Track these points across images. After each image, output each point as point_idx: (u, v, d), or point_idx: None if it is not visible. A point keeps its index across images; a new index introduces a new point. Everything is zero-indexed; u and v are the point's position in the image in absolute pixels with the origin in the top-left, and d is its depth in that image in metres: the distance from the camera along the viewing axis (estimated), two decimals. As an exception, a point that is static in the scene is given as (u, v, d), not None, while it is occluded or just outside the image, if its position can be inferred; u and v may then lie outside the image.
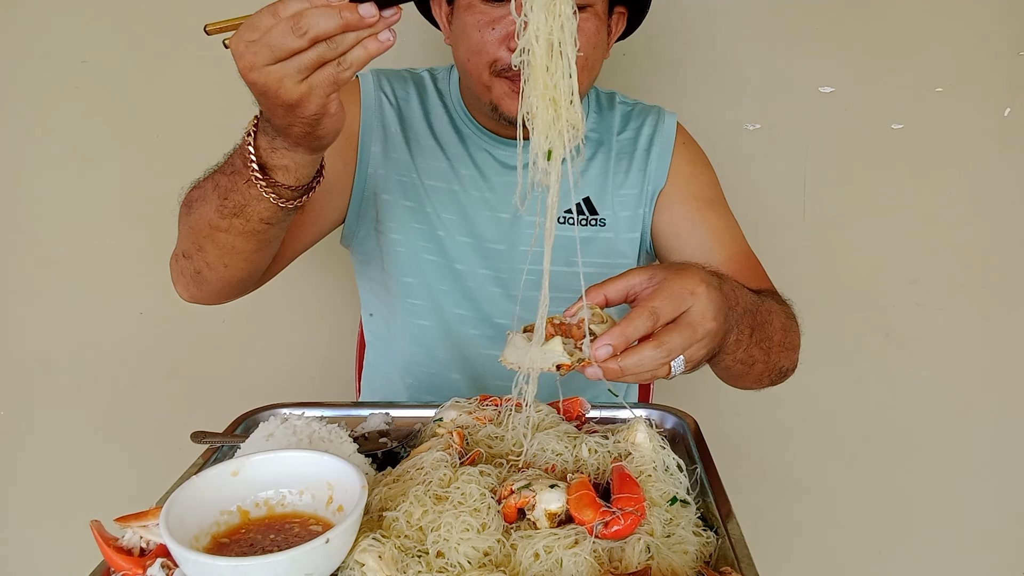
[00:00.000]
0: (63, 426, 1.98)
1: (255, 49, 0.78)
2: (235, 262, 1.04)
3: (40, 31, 1.74)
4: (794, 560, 2.06)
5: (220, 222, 0.99)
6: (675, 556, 0.74)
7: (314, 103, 0.81)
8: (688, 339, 0.81)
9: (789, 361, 1.11)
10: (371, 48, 0.79)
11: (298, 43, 0.76)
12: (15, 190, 1.84)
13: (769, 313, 1.02)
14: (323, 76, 0.79)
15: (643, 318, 0.79)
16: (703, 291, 0.82)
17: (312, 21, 0.76)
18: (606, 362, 0.79)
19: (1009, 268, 1.85)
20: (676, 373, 0.82)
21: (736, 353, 0.95)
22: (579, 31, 1.09)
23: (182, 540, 0.68)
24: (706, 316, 0.82)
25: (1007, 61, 1.73)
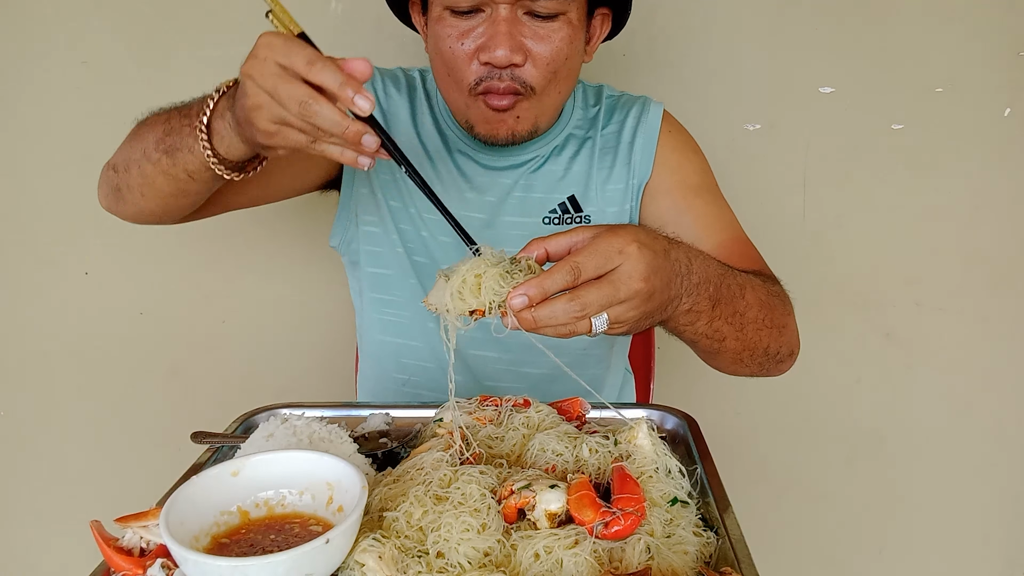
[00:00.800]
0: (63, 426, 1.98)
1: (267, 72, 0.81)
2: (151, 196, 1.06)
3: (40, 31, 1.74)
4: (794, 560, 2.06)
5: (152, 153, 1.01)
6: (675, 556, 0.74)
7: (269, 141, 0.85)
8: (607, 297, 0.78)
9: (775, 342, 1.07)
10: (346, 157, 0.84)
11: (294, 113, 0.80)
12: (15, 190, 1.84)
13: (741, 288, 0.98)
14: (291, 136, 0.83)
15: (563, 272, 0.78)
16: (633, 250, 0.79)
17: (320, 113, 0.80)
18: (521, 312, 0.78)
19: (1009, 268, 1.85)
20: (599, 330, 0.80)
21: (697, 325, 0.93)
22: (548, 40, 1.11)
23: (182, 540, 0.68)
24: (632, 276, 0.79)
25: (1007, 61, 1.73)
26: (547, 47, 1.11)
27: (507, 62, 1.09)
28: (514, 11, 1.09)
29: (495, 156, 1.28)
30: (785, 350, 1.11)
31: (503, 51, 1.08)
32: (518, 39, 1.09)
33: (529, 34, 1.10)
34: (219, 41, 1.75)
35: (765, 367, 1.11)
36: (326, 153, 0.84)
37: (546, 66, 1.12)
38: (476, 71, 1.12)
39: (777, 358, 1.11)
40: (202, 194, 1.06)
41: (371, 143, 0.82)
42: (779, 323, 1.07)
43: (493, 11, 1.09)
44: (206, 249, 1.87)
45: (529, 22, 1.10)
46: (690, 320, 0.92)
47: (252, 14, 1.74)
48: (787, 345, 1.11)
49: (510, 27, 1.08)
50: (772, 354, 1.09)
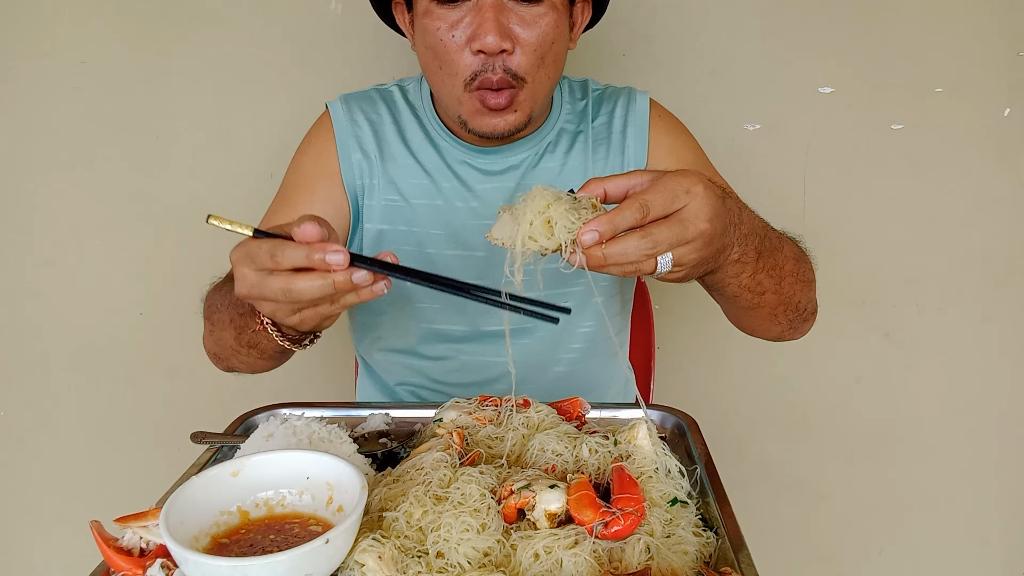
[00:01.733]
0: (63, 426, 1.98)
1: (248, 285, 0.81)
2: (261, 368, 1.14)
3: (40, 31, 1.74)
4: (794, 560, 2.06)
5: (240, 348, 1.07)
6: (675, 556, 0.74)
7: (305, 327, 0.86)
8: (677, 235, 0.79)
9: (805, 297, 1.09)
10: (363, 296, 0.82)
11: (284, 301, 0.80)
12: (15, 190, 1.84)
13: (780, 240, 1.00)
14: (314, 312, 0.83)
15: (633, 209, 0.78)
16: (700, 191, 0.80)
17: (302, 289, 0.78)
18: (590, 249, 0.78)
19: (1009, 268, 1.85)
20: (662, 270, 0.80)
21: (741, 277, 0.94)
22: (534, 25, 1.11)
23: (182, 540, 0.68)
24: (699, 216, 0.79)
25: (1007, 61, 1.73)
26: (533, 32, 1.11)
27: (498, 48, 1.09)
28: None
29: (492, 159, 1.26)
30: (811, 306, 1.13)
31: (493, 37, 1.07)
32: (505, 25, 1.09)
33: (515, 20, 1.10)
34: (219, 41, 1.75)
35: (793, 324, 1.12)
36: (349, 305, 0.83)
37: (533, 51, 1.12)
38: (470, 63, 1.11)
39: (804, 315, 1.12)
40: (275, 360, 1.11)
41: (363, 277, 0.79)
42: (808, 277, 1.09)
43: (481, 1, 1.09)
44: (206, 249, 1.86)
45: (515, 7, 1.10)
46: (736, 271, 0.93)
47: (252, 14, 1.74)
48: (812, 301, 1.13)
49: (497, 13, 1.08)
50: (801, 310, 1.10)
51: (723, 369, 1.95)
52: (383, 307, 1.33)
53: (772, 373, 1.94)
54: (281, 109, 1.77)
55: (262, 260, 0.79)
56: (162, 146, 1.81)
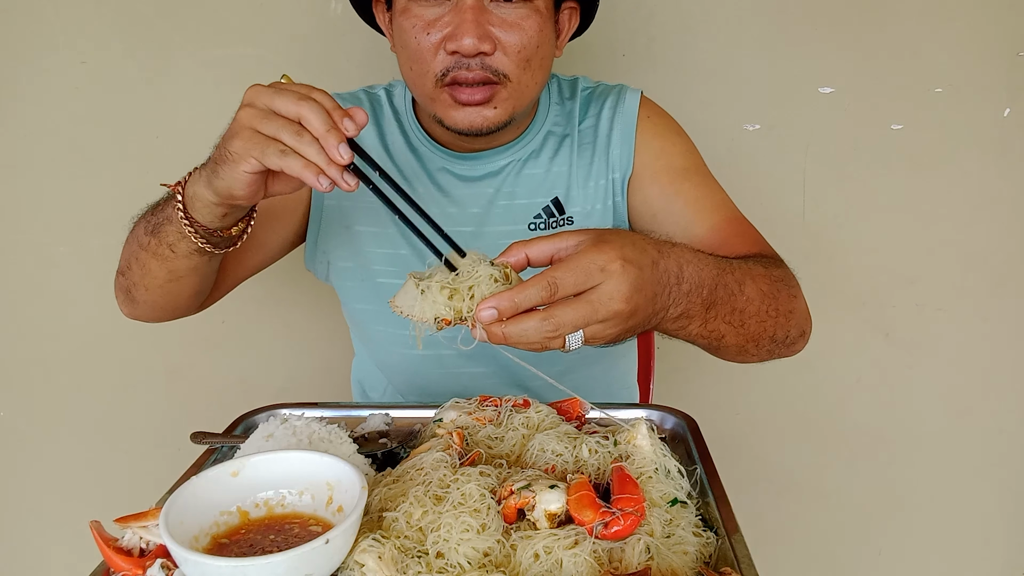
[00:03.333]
0: (63, 426, 1.98)
1: (263, 94, 0.83)
2: (152, 286, 1.08)
3: (40, 31, 1.74)
4: (794, 560, 2.06)
5: (143, 237, 1.03)
6: (675, 557, 0.74)
7: (240, 147, 0.83)
8: (584, 317, 0.74)
9: (783, 328, 1.02)
10: (308, 175, 0.81)
11: (287, 106, 0.80)
12: (15, 190, 1.84)
13: (740, 284, 0.93)
14: (260, 144, 0.82)
15: (538, 287, 0.73)
16: (617, 268, 0.74)
17: (312, 109, 0.80)
18: (491, 326, 0.74)
19: (1009, 268, 1.85)
20: (572, 347, 0.76)
21: (689, 329, 0.89)
22: (516, 27, 1.08)
23: (182, 541, 0.68)
24: (614, 297, 0.74)
25: (1007, 61, 1.73)
26: (516, 35, 1.08)
27: (475, 50, 1.06)
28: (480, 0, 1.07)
29: (471, 165, 1.24)
30: (795, 332, 1.06)
31: (470, 39, 1.05)
32: (485, 27, 1.06)
33: (497, 22, 1.07)
34: (219, 41, 1.75)
35: (775, 352, 1.06)
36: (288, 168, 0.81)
37: (517, 53, 1.09)
38: (442, 61, 1.08)
39: (787, 342, 1.06)
40: (191, 274, 1.05)
41: (346, 153, 0.80)
42: (785, 309, 1.02)
43: (460, 1, 1.06)
44: (206, 249, 1.86)
45: (496, 9, 1.07)
46: (681, 325, 0.88)
47: (252, 14, 1.74)
48: (796, 327, 1.06)
49: (476, 15, 1.05)
50: (780, 340, 1.04)
51: (723, 369, 1.94)
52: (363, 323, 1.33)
53: (772, 373, 1.94)
54: (281, 109, 1.77)
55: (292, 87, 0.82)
56: (162, 146, 1.81)
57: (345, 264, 1.29)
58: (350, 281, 1.30)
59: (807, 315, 1.09)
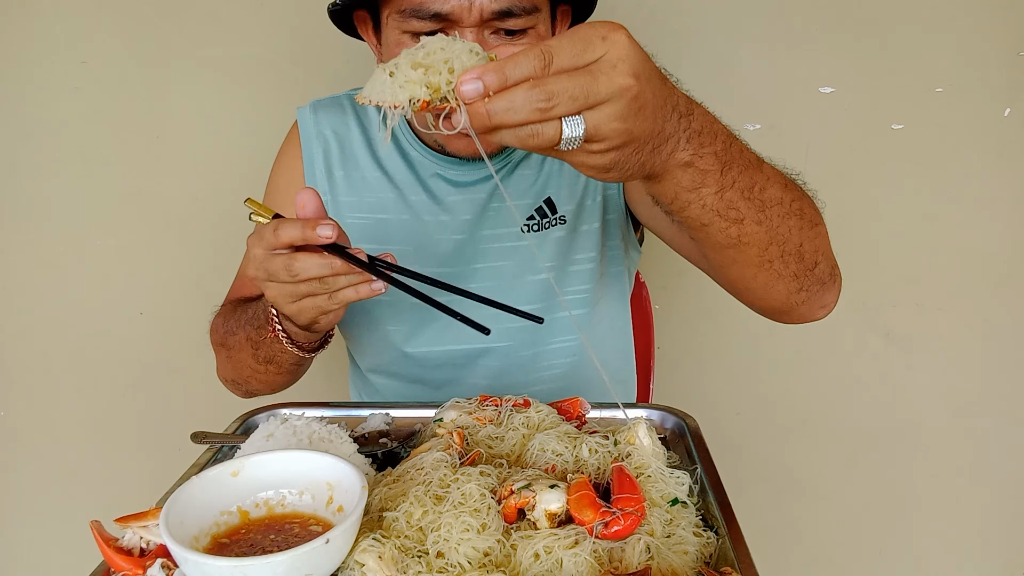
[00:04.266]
0: (63, 426, 1.98)
1: (257, 264, 0.87)
2: (279, 384, 1.18)
3: (40, 31, 1.74)
4: (794, 560, 2.06)
5: (258, 367, 1.10)
6: (675, 556, 0.74)
7: (303, 319, 0.91)
8: (583, 87, 0.60)
9: (810, 242, 0.88)
10: (362, 292, 0.86)
11: (288, 279, 0.85)
12: (15, 190, 1.84)
13: (758, 159, 0.82)
14: (312, 303, 0.88)
15: (530, 56, 0.60)
16: (621, 38, 0.61)
17: (301, 266, 0.84)
18: (474, 105, 0.61)
19: (1009, 268, 1.85)
20: (572, 139, 0.62)
21: (702, 193, 0.75)
22: None
23: (182, 540, 0.68)
24: (618, 67, 0.61)
25: (1007, 61, 1.73)
26: None
27: None
28: (480, 33, 1.02)
29: (464, 170, 1.21)
30: (824, 264, 0.92)
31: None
32: None
33: (499, 53, 1.04)
34: (219, 41, 1.75)
35: (803, 284, 0.90)
36: (346, 300, 0.87)
37: None
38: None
39: (816, 272, 0.91)
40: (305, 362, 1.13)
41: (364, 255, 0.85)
42: (810, 215, 0.88)
43: (459, 35, 1.01)
44: (206, 249, 1.87)
45: (497, 41, 1.03)
46: (693, 182, 0.74)
47: (252, 14, 1.74)
48: (825, 256, 0.92)
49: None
50: (808, 260, 0.89)
51: (723, 369, 1.95)
52: (350, 327, 1.33)
53: (772, 373, 1.94)
54: (281, 109, 1.76)
55: (267, 238, 0.84)
56: (162, 146, 1.81)
57: None
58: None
59: (834, 258, 0.96)
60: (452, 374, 1.29)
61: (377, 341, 1.30)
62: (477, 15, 1.00)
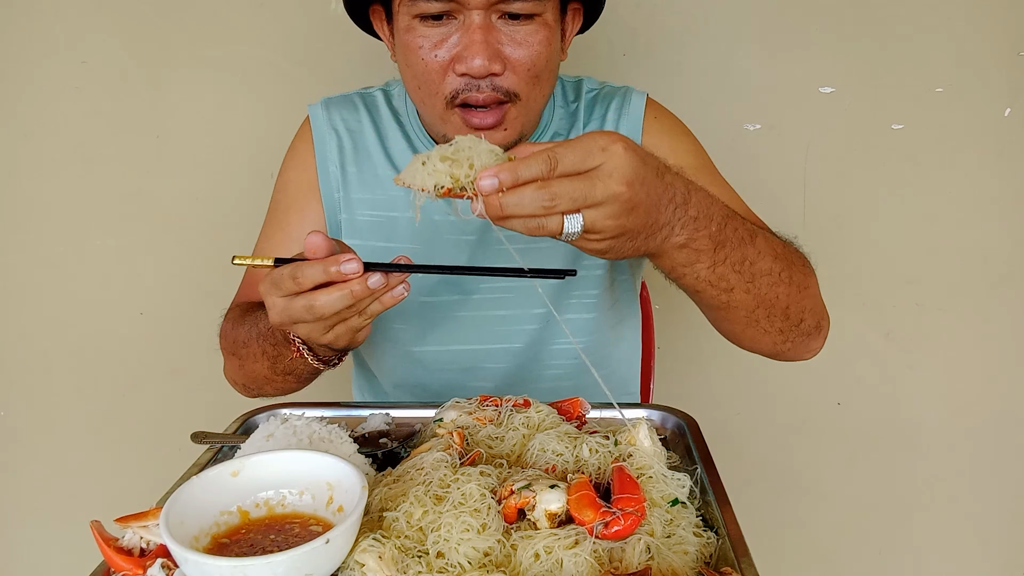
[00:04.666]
0: (63, 426, 1.98)
1: (278, 311, 0.86)
2: (294, 389, 1.16)
3: (40, 31, 1.74)
4: (794, 560, 2.06)
5: (275, 377, 1.10)
6: (675, 556, 0.74)
7: (340, 344, 0.90)
8: (582, 191, 0.72)
9: (797, 303, 0.98)
10: (386, 302, 0.86)
11: (311, 319, 0.84)
12: (15, 190, 1.84)
13: (751, 234, 0.91)
14: (344, 328, 0.87)
15: (539, 160, 0.73)
16: (619, 150, 0.73)
17: (324, 304, 0.83)
18: (490, 197, 0.73)
19: (1009, 268, 1.85)
20: (571, 233, 0.74)
21: (697, 267, 0.86)
22: (525, 44, 1.06)
23: (182, 540, 0.68)
24: (613, 176, 0.73)
25: (1007, 61, 1.73)
26: (526, 51, 1.05)
27: (486, 71, 1.02)
28: (488, 16, 1.02)
29: None
30: (810, 319, 1.01)
31: (480, 60, 1.01)
32: (494, 46, 1.03)
33: (506, 39, 1.04)
34: (219, 41, 1.75)
35: (788, 337, 1.01)
36: (375, 313, 0.87)
37: (527, 71, 1.06)
38: (452, 83, 1.05)
39: (802, 328, 1.01)
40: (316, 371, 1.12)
41: (377, 281, 0.83)
42: (799, 281, 0.97)
43: (466, 18, 1.02)
44: (206, 249, 1.87)
45: (504, 26, 1.04)
46: (688, 259, 0.85)
47: (252, 14, 1.74)
48: (811, 312, 1.01)
49: (485, 34, 1.02)
50: (794, 319, 0.99)
51: (723, 369, 1.95)
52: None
53: (772, 373, 1.94)
54: (281, 109, 1.77)
55: (286, 285, 0.84)
56: (162, 146, 1.81)
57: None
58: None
59: (823, 309, 1.06)
60: (457, 377, 1.28)
61: (382, 341, 1.30)
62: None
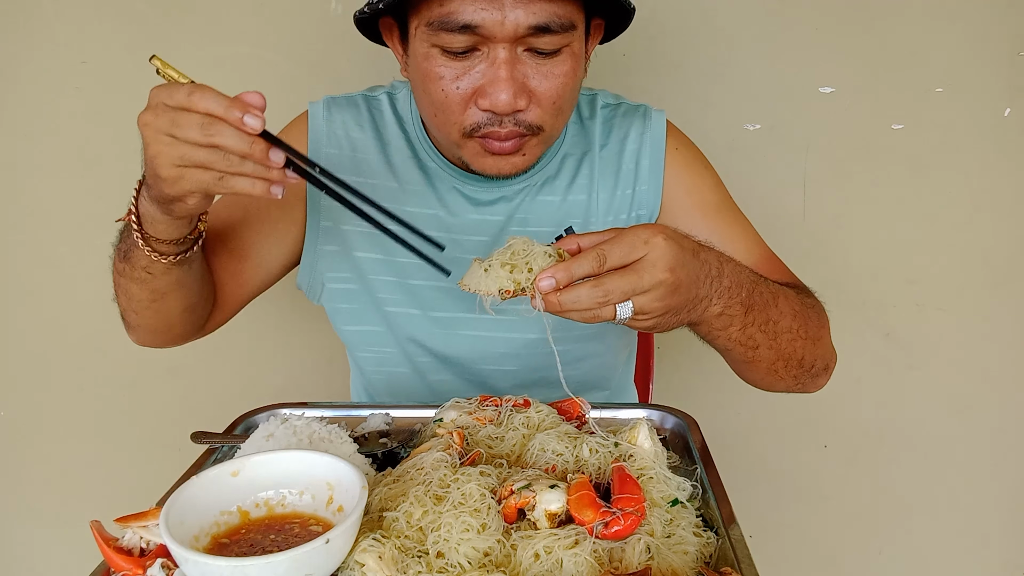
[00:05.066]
0: (63, 426, 1.98)
1: (160, 113, 0.79)
2: (140, 310, 1.06)
3: (40, 31, 1.74)
4: (794, 560, 2.06)
5: (119, 264, 1.02)
6: (675, 556, 0.74)
7: (175, 189, 0.82)
8: (630, 284, 0.80)
9: (811, 353, 1.05)
10: (257, 189, 0.81)
11: (196, 138, 0.77)
12: (15, 190, 1.84)
13: (774, 296, 0.98)
14: (196, 177, 0.80)
15: (590, 258, 0.81)
16: (660, 242, 0.81)
17: (221, 132, 0.77)
18: (548, 295, 0.81)
19: (1009, 268, 1.85)
20: (623, 318, 0.82)
21: (730, 331, 0.93)
22: (551, 76, 1.02)
23: (182, 540, 0.68)
24: (657, 266, 0.81)
25: (1007, 61, 1.73)
26: (551, 84, 1.02)
27: (511, 109, 0.99)
28: (514, 49, 0.98)
29: (486, 187, 1.18)
30: (820, 363, 1.09)
31: (506, 96, 0.98)
32: (520, 80, 0.99)
33: (532, 72, 1.01)
34: (219, 41, 1.75)
35: (800, 380, 1.08)
36: (235, 189, 0.80)
37: (552, 104, 1.03)
38: (474, 116, 1.02)
39: (812, 372, 1.09)
40: (176, 291, 1.03)
41: (278, 158, 0.79)
42: (813, 334, 1.05)
43: (491, 50, 0.98)
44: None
45: (530, 58, 1.00)
46: (723, 324, 0.92)
47: (252, 14, 1.74)
48: (822, 358, 1.09)
49: (511, 69, 0.98)
50: (807, 366, 1.07)
51: (723, 369, 1.93)
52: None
53: (772, 373, 1.94)
54: (281, 109, 1.76)
55: (178, 98, 0.77)
56: (162, 146, 1.81)
57: (344, 287, 1.24)
58: (345, 304, 1.25)
59: (832, 350, 1.13)
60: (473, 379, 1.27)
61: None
62: (511, 30, 0.96)
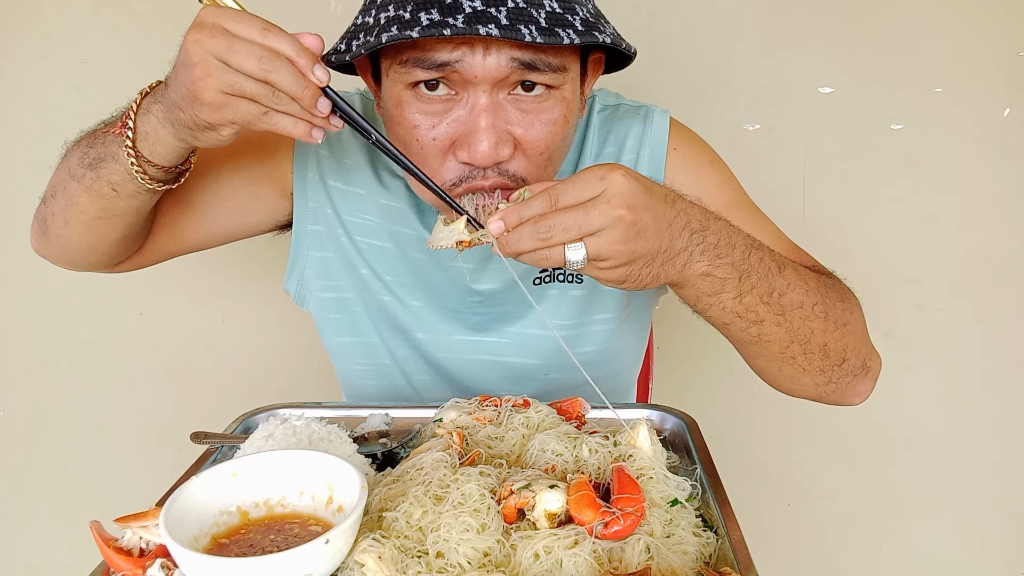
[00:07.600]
0: (63, 426, 1.98)
1: (216, 36, 0.76)
2: (74, 221, 0.98)
3: (40, 31, 1.74)
4: (794, 560, 2.06)
5: (77, 170, 0.94)
6: (675, 557, 0.74)
7: (215, 116, 0.79)
8: (575, 221, 0.74)
9: (838, 341, 0.92)
10: (299, 130, 0.79)
11: (252, 70, 0.75)
12: (15, 190, 1.83)
13: (779, 265, 0.87)
14: (242, 107, 0.78)
15: (540, 198, 0.76)
16: (617, 178, 0.74)
17: (280, 70, 0.75)
18: (500, 237, 0.78)
19: (1009, 268, 1.85)
20: (575, 263, 0.76)
21: (722, 298, 0.84)
22: (538, 123, 0.92)
23: (182, 540, 0.68)
24: (612, 202, 0.73)
25: (1007, 61, 1.73)
26: (539, 133, 0.92)
27: (492, 161, 0.90)
28: (495, 94, 0.90)
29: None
30: (854, 358, 0.95)
31: (486, 146, 0.89)
32: (503, 128, 0.90)
33: (516, 119, 0.91)
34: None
35: (830, 377, 0.95)
36: (277, 127, 0.78)
37: (539, 155, 0.94)
38: (453, 170, 0.93)
39: (845, 367, 0.95)
40: (126, 216, 0.96)
41: (325, 107, 0.78)
42: (837, 318, 0.92)
43: (471, 96, 0.89)
44: (206, 249, 1.86)
45: (514, 105, 0.91)
46: (712, 288, 0.83)
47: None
48: (856, 351, 0.95)
49: (493, 117, 0.89)
50: (835, 358, 0.93)
51: (723, 369, 1.94)
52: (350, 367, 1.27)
53: (772, 373, 1.93)
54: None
55: (248, 25, 0.75)
56: (162, 146, 1.81)
57: (333, 295, 1.21)
58: (335, 314, 1.22)
59: (871, 348, 0.99)
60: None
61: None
62: (492, 71, 0.87)
